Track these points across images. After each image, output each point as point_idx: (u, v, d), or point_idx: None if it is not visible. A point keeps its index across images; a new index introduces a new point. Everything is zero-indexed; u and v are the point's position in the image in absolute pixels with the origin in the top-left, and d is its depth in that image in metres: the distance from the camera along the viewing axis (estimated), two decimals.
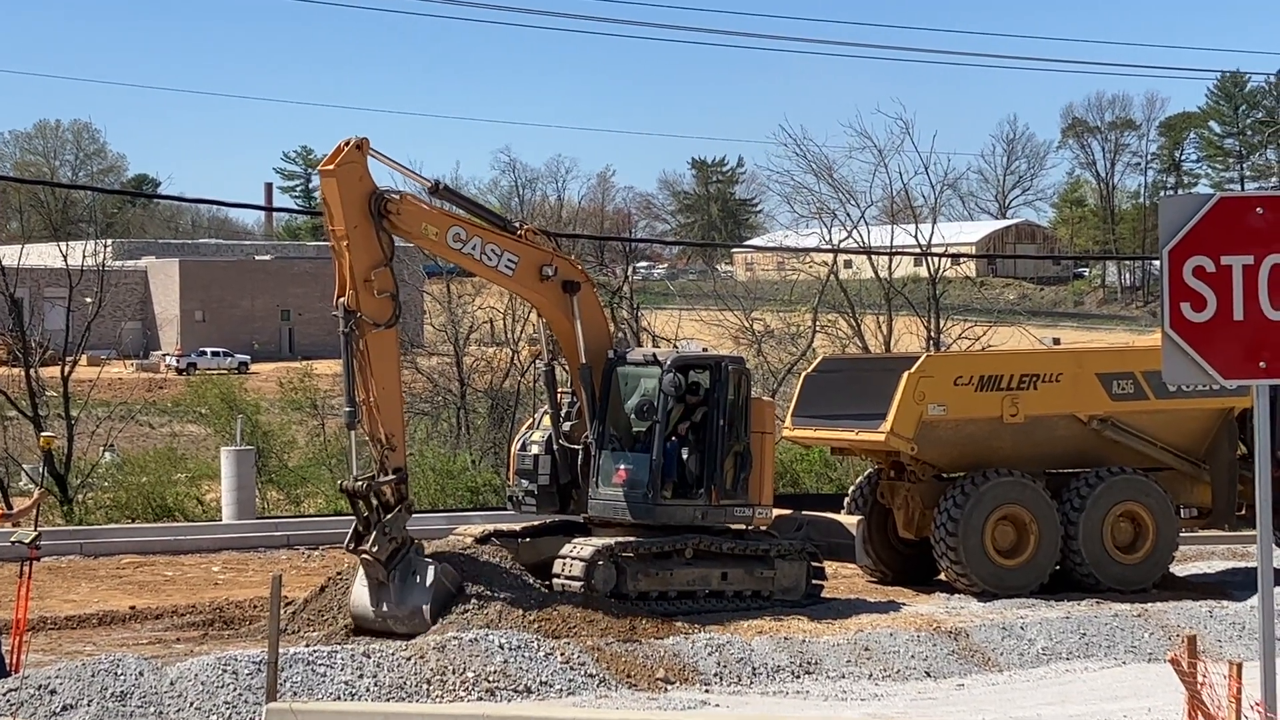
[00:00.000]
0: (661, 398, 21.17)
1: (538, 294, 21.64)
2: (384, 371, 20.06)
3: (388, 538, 19.37)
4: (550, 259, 21.53)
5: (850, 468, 33.79)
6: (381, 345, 20.08)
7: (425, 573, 19.30)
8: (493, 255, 21.15)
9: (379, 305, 19.92)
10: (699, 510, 21.44)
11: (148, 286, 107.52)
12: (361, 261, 19.90)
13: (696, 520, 21.46)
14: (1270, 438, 26.22)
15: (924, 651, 17.75)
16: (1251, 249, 8.48)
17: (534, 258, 21.40)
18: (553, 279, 21.38)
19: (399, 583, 19.28)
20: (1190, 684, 9.57)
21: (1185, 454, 24.62)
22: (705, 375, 21.81)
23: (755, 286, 59.65)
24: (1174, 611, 19.73)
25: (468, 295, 51.50)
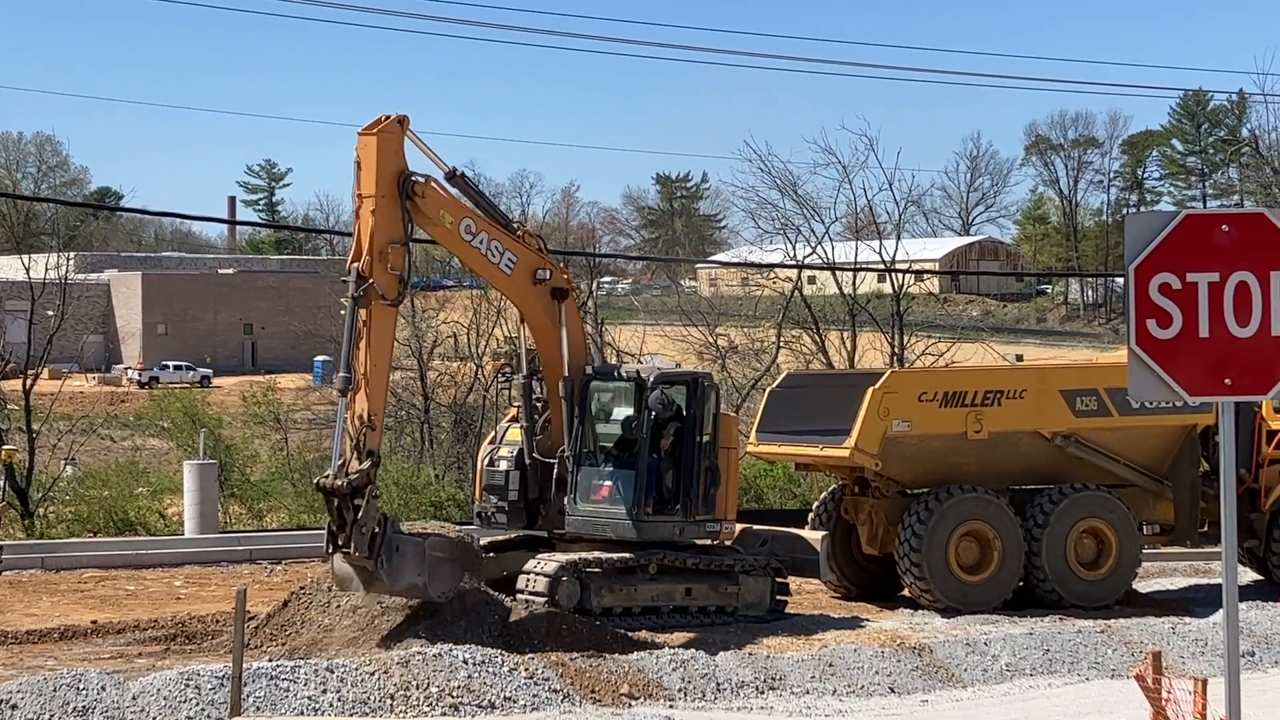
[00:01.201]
0: (648, 413, 21.23)
1: (529, 297, 21.63)
2: (379, 348, 19.77)
3: (363, 532, 19.00)
4: (544, 263, 21.59)
5: (814, 483, 33.81)
6: (382, 321, 19.86)
7: (409, 549, 19.08)
8: (496, 252, 21.17)
9: (389, 280, 19.78)
10: (678, 526, 21.51)
11: (110, 300, 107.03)
12: (381, 232, 19.79)
13: (675, 536, 21.52)
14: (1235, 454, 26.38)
15: (888, 667, 17.76)
16: (1217, 266, 8.50)
17: (531, 260, 21.47)
18: (545, 283, 21.42)
19: (387, 565, 19.01)
20: (1155, 700, 9.59)
21: (1148, 470, 24.73)
22: (682, 391, 21.87)
23: (719, 302, 59.59)
24: (1137, 628, 19.80)
25: (432, 309, 51.44)
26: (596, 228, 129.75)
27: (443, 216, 20.69)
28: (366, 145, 19.95)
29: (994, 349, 55.78)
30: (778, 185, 47.10)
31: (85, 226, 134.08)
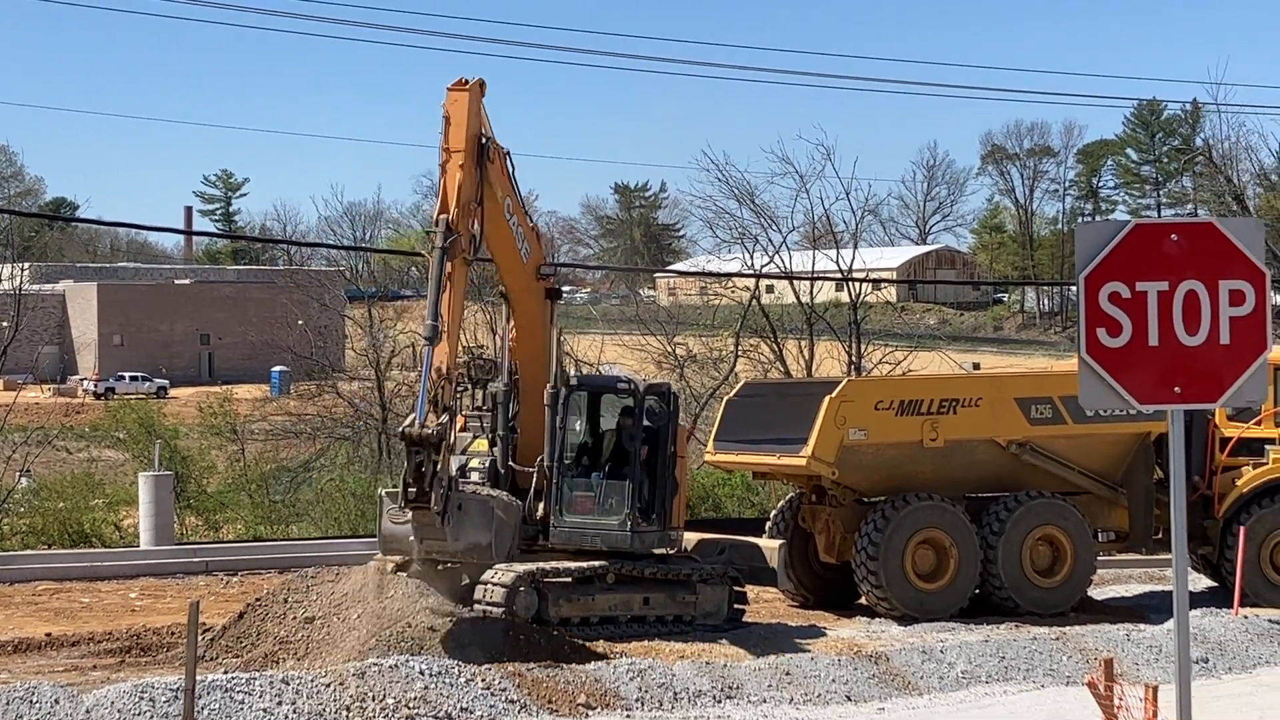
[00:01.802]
0: (643, 424, 21.34)
1: (530, 292, 21.74)
2: (456, 303, 19.81)
3: (442, 487, 18.94)
4: (544, 260, 21.72)
5: (772, 492, 33.85)
6: (460, 277, 19.94)
7: (474, 507, 19.17)
8: (519, 238, 21.44)
9: (468, 237, 19.88)
10: (656, 536, 21.63)
11: (65, 310, 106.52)
12: (465, 189, 19.95)
13: (655, 546, 21.59)
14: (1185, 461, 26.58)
15: (845, 675, 17.79)
16: (1166, 275, 8.57)
17: (539, 255, 21.75)
18: (544, 281, 21.49)
19: (451, 523, 19.01)
20: (1107, 707, 9.64)
21: (1102, 478, 24.86)
22: (659, 401, 22.01)
23: (678, 311, 59.62)
24: (1092, 634, 19.88)
25: (389, 319, 51.37)
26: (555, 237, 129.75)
27: (497, 189, 20.89)
28: (457, 101, 20.25)
29: (951, 357, 55.92)
30: (735, 194, 47.28)
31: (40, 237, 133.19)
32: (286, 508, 38.18)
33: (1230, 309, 8.51)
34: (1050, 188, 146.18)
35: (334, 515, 35.36)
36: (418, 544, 19.39)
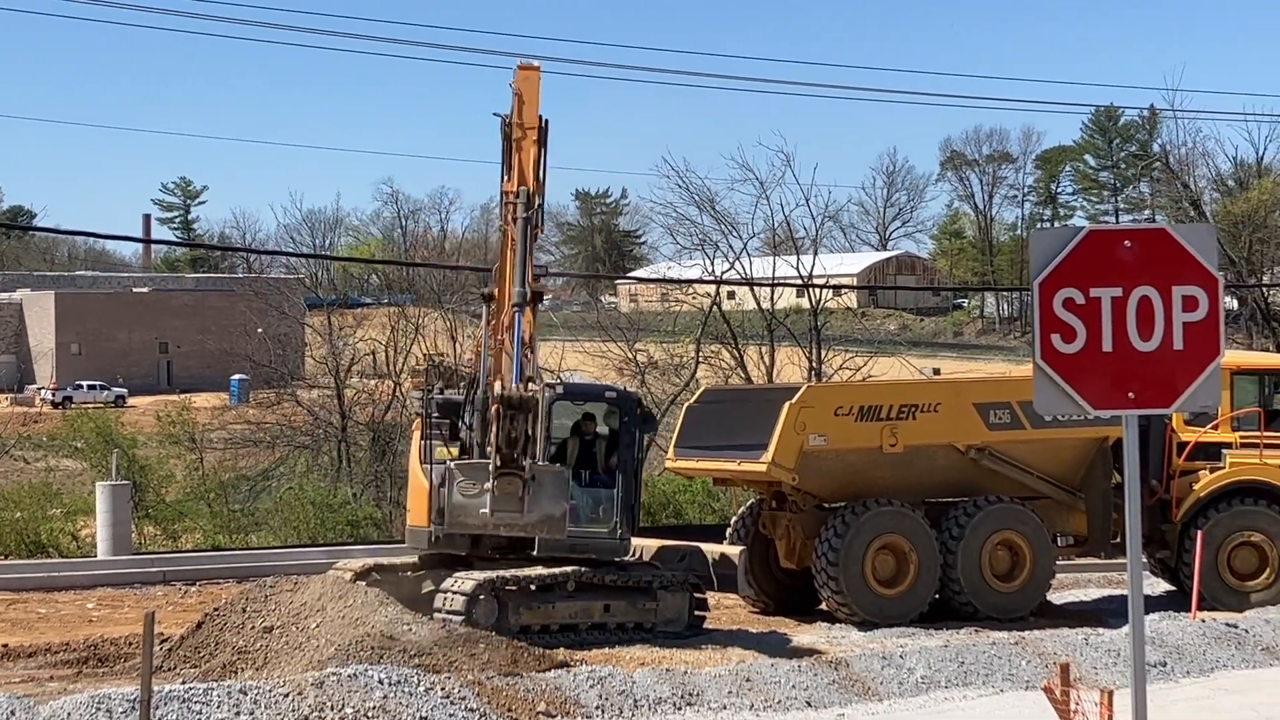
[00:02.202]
0: (635, 432, 21.46)
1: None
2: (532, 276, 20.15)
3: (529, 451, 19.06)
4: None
5: (733, 499, 33.89)
6: (533, 250, 20.35)
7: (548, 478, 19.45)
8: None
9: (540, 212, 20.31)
10: (629, 542, 21.82)
11: (23, 319, 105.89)
12: (539, 164, 20.39)
13: (629, 553, 21.76)
14: (1142, 466, 26.73)
15: (805, 681, 17.79)
16: (1120, 281, 8.60)
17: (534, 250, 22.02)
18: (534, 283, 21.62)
19: (529, 494, 19.22)
20: (1063, 712, 9.67)
21: (1061, 483, 24.95)
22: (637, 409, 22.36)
23: (639, 318, 59.66)
24: (1050, 639, 19.93)
25: (349, 327, 51.24)
26: None
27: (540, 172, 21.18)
28: (529, 79, 20.80)
29: (911, 363, 56.07)
30: (696, 201, 47.36)
31: None
32: (245, 517, 38.04)
33: (1183, 314, 8.54)
34: (1009, 194, 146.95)
35: (293, 524, 35.24)
36: (490, 516, 19.47)
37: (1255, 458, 25.21)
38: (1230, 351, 29.36)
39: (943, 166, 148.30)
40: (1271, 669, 19.53)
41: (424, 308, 54.83)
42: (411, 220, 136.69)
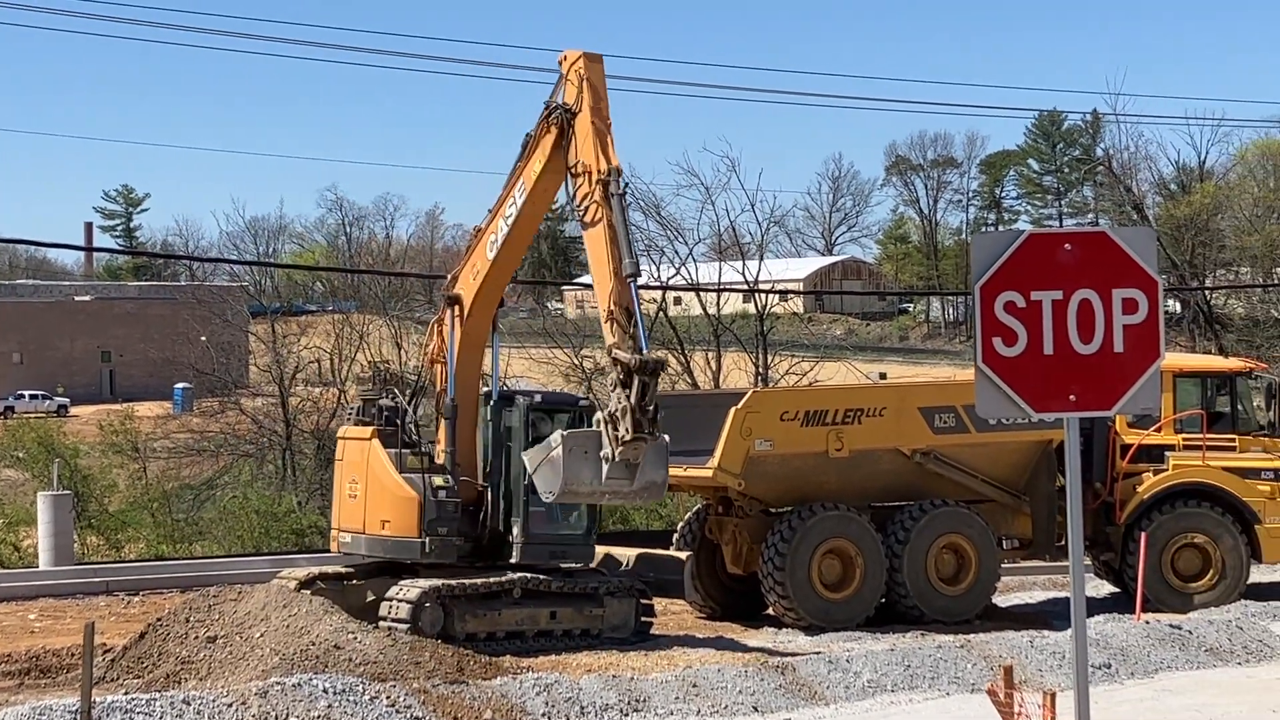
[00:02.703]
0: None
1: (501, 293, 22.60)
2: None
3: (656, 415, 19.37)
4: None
5: (680, 504, 33.88)
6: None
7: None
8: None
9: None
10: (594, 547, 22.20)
11: None
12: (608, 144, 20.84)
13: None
14: (1086, 469, 26.86)
15: (751, 686, 17.79)
16: (1061, 284, 8.62)
17: None
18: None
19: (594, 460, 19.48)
20: (1006, 714, 9.69)
21: (1006, 486, 25.05)
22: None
23: (585, 324, 59.56)
24: (996, 642, 19.99)
25: (293, 335, 51.01)
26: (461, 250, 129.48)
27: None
28: (599, 72, 21.04)
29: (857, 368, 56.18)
30: (641, 207, 47.28)
31: None
32: (189, 526, 37.83)
33: (1124, 317, 8.56)
34: (954, 198, 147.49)
35: (237, 533, 35.08)
36: (602, 483, 19.61)
37: (1198, 460, 25.38)
38: (1173, 354, 29.57)
39: (888, 171, 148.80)
40: (1215, 670, 19.66)
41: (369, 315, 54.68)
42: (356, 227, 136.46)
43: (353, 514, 22.09)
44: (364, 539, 21.91)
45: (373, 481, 21.84)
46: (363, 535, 21.93)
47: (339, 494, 22.55)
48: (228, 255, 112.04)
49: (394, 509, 21.56)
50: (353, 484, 22.07)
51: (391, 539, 21.60)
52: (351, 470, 22.18)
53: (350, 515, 22.12)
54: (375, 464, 21.85)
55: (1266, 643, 21.08)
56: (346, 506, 22.21)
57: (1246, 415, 26.23)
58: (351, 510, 22.10)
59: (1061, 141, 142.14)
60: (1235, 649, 20.61)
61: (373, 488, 21.84)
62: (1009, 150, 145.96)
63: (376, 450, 21.84)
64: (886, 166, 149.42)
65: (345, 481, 22.25)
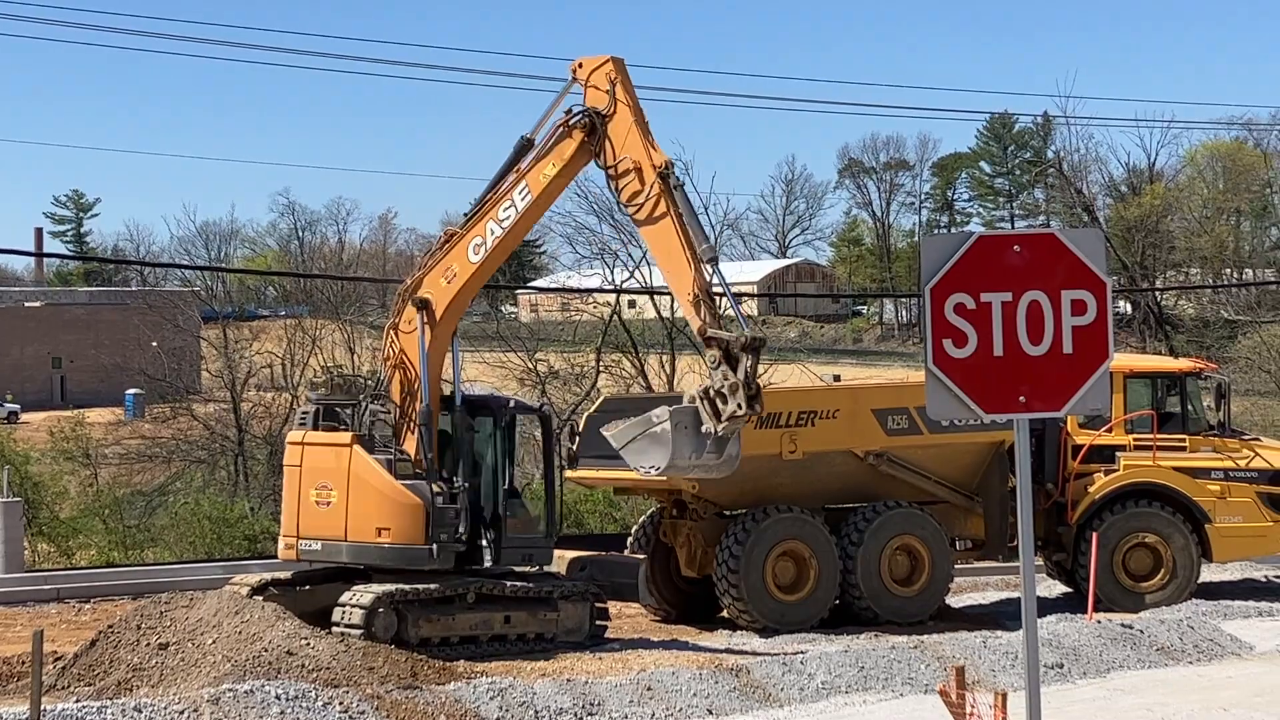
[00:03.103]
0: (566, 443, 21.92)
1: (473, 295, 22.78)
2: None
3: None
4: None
5: (634, 508, 33.87)
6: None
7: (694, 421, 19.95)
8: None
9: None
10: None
11: None
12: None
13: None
14: (1038, 470, 26.93)
15: (706, 689, 17.80)
16: (1010, 286, 8.65)
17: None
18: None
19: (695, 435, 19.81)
20: (958, 715, 9.71)
21: (958, 487, 25.13)
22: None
23: (539, 327, 59.69)
24: (949, 643, 20.05)
25: (245, 340, 50.83)
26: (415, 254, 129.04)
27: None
28: (627, 74, 21.58)
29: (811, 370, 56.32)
30: (595, 210, 47.30)
31: None
32: (141, 533, 37.61)
33: (1073, 318, 8.60)
34: (906, 200, 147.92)
35: (189, 539, 34.90)
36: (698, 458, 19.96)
37: (1149, 460, 25.53)
38: (1123, 355, 29.75)
39: (840, 174, 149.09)
40: (1167, 669, 19.78)
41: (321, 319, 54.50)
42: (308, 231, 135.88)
43: (325, 521, 21.45)
44: (346, 546, 21.33)
45: (361, 488, 21.29)
46: (343, 543, 21.33)
47: (298, 500, 21.79)
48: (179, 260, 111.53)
49: (395, 516, 21.16)
50: (323, 490, 21.51)
51: (392, 546, 21.13)
52: (321, 476, 21.56)
53: (321, 523, 21.47)
54: (363, 471, 21.34)
55: (1217, 641, 21.22)
56: (315, 514, 21.54)
57: (1196, 415, 26.40)
58: (323, 517, 21.46)
59: (1013, 144, 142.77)
60: (1186, 648, 20.73)
61: (362, 494, 21.27)
62: (961, 153, 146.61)
63: (361, 456, 21.37)
64: (839, 169, 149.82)
65: (309, 488, 21.62)
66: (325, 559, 21.64)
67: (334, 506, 21.46)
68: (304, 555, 21.72)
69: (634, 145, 21.16)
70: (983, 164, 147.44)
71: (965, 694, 9.70)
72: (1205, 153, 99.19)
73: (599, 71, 21.51)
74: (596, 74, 21.54)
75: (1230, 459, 25.80)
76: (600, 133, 21.36)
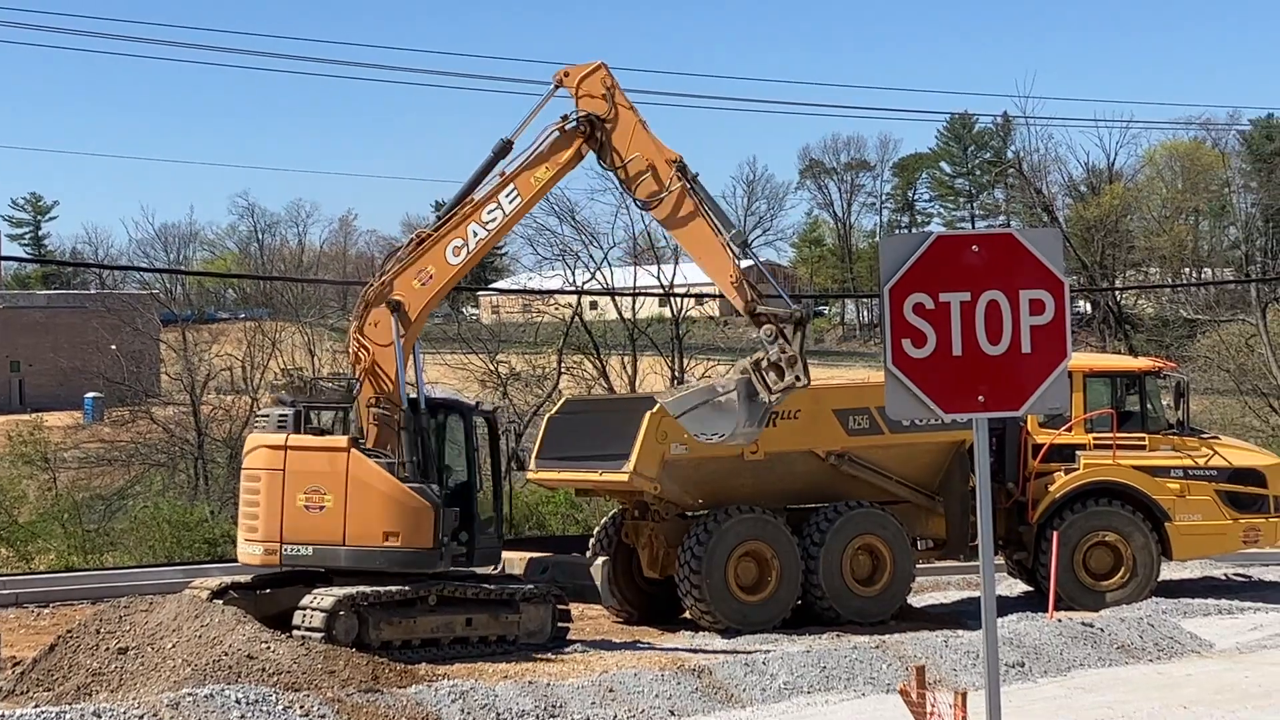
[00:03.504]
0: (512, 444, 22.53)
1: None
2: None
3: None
4: None
5: (596, 509, 33.87)
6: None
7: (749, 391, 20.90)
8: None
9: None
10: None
11: None
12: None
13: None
14: (999, 469, 26.99)
15: (668, 690, 17.79)
16: (969, 286, 8.67)
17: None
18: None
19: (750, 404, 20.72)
20: (919, 714, 9.73)
21: (919, 487, 25.19)
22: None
23: (501, 329, 59.56)
24: (911, 642, 20.08)
25: (205, 343, 50.66)
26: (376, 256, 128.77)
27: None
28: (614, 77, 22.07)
29: None
30: (556, 211, 47.28)
31: None
32: (100, 537, 37.40)
33: (1031, 318, 8.63)
34: (867, 201, 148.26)
35: (149, 543, 34.72)
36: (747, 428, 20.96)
37: (1108, 459, 25.64)
38: (1083, 354, 29.86)
39: (802, 175, 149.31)
40: (1127, 667, 19.85)
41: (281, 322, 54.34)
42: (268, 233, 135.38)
43: (317, 526, 21.22)
44: (346, 551, 21.16)
45: (364, 492, 21.14)
46: (340, 548, 21.16)
47: (282, 504, 21.34)
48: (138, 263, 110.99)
49: (404, 520, 21.10)
50: (313, 494, 21.22)
51: (400, 550, 21.08)
52: (311, 480, 21.26)
53: (311, 527, 21.21)
54: (366, 474, 21.20)
55: (1177, 639, 21.32)
56: (303, 518, 21.23)
57: (1156, 414, 26.53)
58: (314, 521, 21.21)
59: (973, 144, 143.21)
60: (1147, 646, 20.82)
61: (365, 498, 21.12)
62: (921, 153, 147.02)
63: (362, 460, 21.25)
64: (800, 170, 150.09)
65: (295, 491, 21.29)
66: (316, 564, 21.35)
67: (329, 511, 21.18)
68: (289, 560, 21.35)
69: (644, 144, 21.79)
70: (943, 164, 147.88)
71: (926, 693, 9.71)
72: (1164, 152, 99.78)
73: (592, 78, 21.94)
74: (589, 81, 21.94)
75: (1189, 457, 25.93)
76: (603, 137, 21.89)
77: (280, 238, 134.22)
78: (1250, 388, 56.40)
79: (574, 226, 47.49)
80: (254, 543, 21.58)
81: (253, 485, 21.70)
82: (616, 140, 21.82)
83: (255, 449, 21.86)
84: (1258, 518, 26.01)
